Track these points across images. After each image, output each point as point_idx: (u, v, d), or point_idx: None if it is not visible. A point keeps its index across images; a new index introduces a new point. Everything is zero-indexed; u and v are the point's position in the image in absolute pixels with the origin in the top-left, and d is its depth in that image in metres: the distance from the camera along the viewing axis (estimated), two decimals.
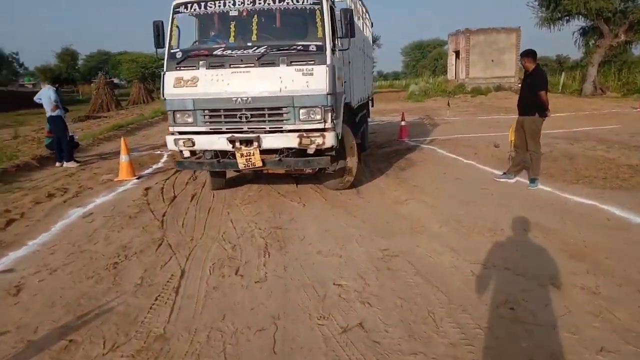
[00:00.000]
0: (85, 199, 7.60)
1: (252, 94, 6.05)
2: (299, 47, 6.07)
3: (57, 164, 10.58)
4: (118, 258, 4.97)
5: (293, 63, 5.97)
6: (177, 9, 6.50)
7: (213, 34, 6.98)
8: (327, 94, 5.91)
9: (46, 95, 10.39)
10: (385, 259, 4.70)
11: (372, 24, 14.14)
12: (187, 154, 6.62)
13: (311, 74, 5.90)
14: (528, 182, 7.41)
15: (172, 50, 6.43)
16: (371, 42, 13.88)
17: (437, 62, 61.11)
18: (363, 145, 11.66)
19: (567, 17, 28.79)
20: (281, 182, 8.11)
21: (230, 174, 8.16)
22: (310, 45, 6.06)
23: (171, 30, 6.46)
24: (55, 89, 10.54)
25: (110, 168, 10.29)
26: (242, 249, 5.12)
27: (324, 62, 5.92)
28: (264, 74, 6.03)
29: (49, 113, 10.37)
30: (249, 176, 8.57)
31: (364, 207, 6.60)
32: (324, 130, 6.04)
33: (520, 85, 8.62)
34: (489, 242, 5.02)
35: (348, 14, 6.28)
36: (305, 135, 6.01)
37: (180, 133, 6.43)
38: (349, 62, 7.81)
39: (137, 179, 9.02)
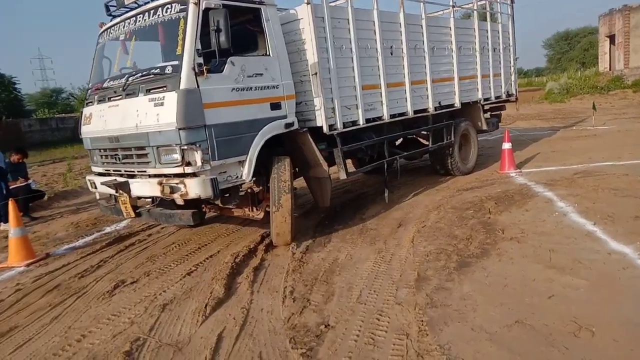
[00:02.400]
0: None
1: (118, 132, 4.78)
2: (156, 71, 4.54)
3: None
4: None
5: (150, 91, 4.47)
6: (100, 37, 5.57)
7: None
8: (180, 129, 4.23)
9: None
10: None
11: None
12: (98, 195, 5.71)
13: (162, 104, 4.30)
14: None
15: (89, 85, 5.63)
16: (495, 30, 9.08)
17: (587, 52, 49.96)
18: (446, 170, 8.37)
19: None
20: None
21: None
22: (166, 66, 4.47)
23: (93, 60, 5.58)
24: None
25: (55, 231, 7.04)
26: None
27: (176, 87, 4.24)
28: (126, 107, 4.65)
29: None
30: None
31: None
32: (183, 175, 4.37)
33: None
34: None
35: (218, 17, 4.30)
36: (164, 182, 4.45)
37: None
38: (316, 73, 5.37)
39: (28, 266, 5.40)
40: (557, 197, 6.07)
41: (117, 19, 5.26)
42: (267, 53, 5.06)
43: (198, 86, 4.32)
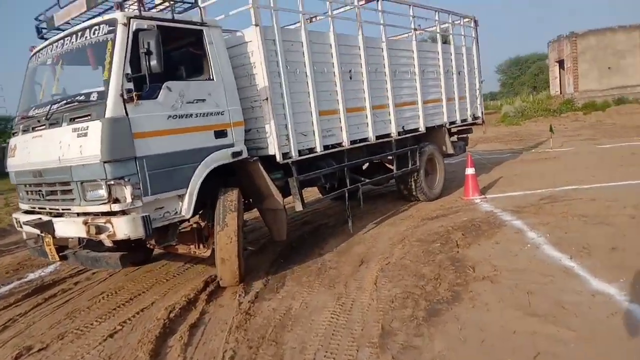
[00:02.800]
0: None
1: (41, 165, 4.27)
2: (81, 97, 4.09)
3: None
4: None
5: (74, 120, 4.00)
6: (29, 61, 5.04)
7: None
8: (104, 162, 3.75)
9: None
10: None
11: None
12: (25, 235, 4.99)
13: (85, 135, 3.84)
14: None
15: (17, 113, 5.06)
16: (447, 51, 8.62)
17: (537, 77, 52.12)
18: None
19: None
20: None
21: None
22: (92, 92, 4.01)
23: (23, 85, 5.04)
24: None
25: None
26: None
27: (101, 116, 3.80)
28: (50, 138, 4.15)
29: None
30: None
31: None
32: (111, 214, 3.89)
33: None
34: None
35: (149, 39, 3.85)
36: (89, 221, 3.93)
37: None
38: (267, 98, 4.99)
39: None
40: (526, 227, 5.65)
41: (46, 42, 4.79)
42: (211, 77, 4.66)
43: (127, 114, 3.89)
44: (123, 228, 3.83)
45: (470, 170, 7.88)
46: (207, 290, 4.65)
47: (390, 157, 7.38)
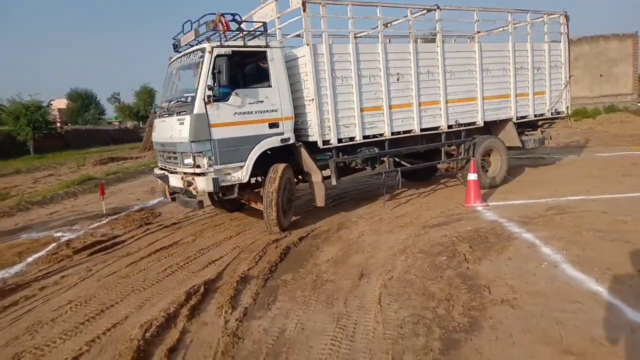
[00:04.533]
0: None
1: (163, 140, 6.49)
2: (183, 99, 6.14)
3: None
4: None
5: (179, 113, 6.01)
6: (168, 67, 7.10)
7: None
8: (191, 142, 5.74)
9: None
10: None
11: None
12: (159, 182, 7.06)
13: (182, 123, 5.84)
14: None
15: (160, 102, 7.33)
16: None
17: None
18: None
19: None
20: None
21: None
22: (188, 96, 5.98)
23: (164, 83, 7.10)
24: None
25: None
26: None
27: (191, 112, 5.75)
28: (168, 123, 6.27)
29: None
30: None
31: None
32: (194, 174, 5.87)
33: None
34: None
35: (219, 63, 5.75)
36: (184, 177, 5.98)
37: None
38: (312, 99, 6.50)
39: None
40: (539, 241, 5.20)
41: (175, 56, 6.81)
42: (270, 85, 6.35)
43: (206, 111, 5.73)
44: (201, 184, 5.77)
45: (472, 176, 7.42)
46: (189, 303, 4.09)
47: (441, 147, 8.17)
